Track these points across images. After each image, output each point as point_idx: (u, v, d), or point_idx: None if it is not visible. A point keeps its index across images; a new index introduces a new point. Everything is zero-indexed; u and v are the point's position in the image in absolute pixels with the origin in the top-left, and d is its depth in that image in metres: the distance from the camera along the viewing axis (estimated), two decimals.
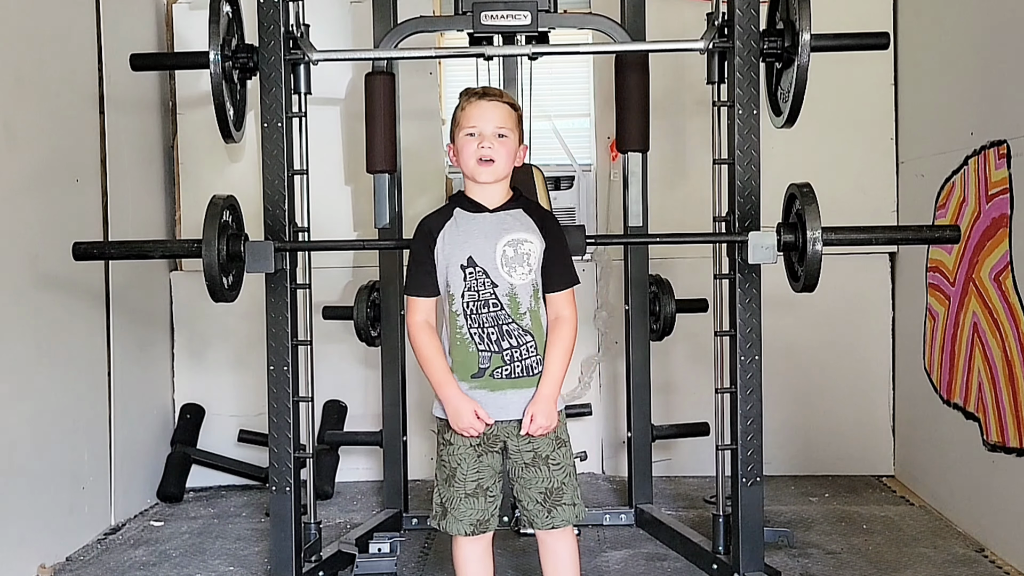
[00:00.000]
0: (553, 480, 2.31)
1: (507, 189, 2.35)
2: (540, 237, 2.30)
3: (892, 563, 3.02)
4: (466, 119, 2.30)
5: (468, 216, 2.31)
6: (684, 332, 3.59)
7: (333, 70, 3.80)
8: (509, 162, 2.31)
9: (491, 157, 2.27)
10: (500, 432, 2.30)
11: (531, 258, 2.28)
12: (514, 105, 2.36)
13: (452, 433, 2.31)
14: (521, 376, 2.27)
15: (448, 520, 2.32)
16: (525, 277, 2.28)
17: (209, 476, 4.03)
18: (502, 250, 2.27)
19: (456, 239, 2.29)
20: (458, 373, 2.29)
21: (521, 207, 2.34)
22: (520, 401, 2.27)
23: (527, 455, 2.31)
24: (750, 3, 2.70)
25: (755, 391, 2.75)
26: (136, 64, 2.99)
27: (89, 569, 3.11)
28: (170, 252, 3.30)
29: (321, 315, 3.48)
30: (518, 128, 2.34)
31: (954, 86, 3.41)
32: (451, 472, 2.32)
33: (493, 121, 2.29)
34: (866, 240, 2.75)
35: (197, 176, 4.04)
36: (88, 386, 3.40)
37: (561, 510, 2.32)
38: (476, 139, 2.28)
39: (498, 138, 2.28)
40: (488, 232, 2.28)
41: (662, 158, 3.85)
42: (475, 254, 2.27)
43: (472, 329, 2.27)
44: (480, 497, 2.31)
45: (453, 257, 2.28)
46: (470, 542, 2.34)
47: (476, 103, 2.31)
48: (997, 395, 3.07)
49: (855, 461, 4.02)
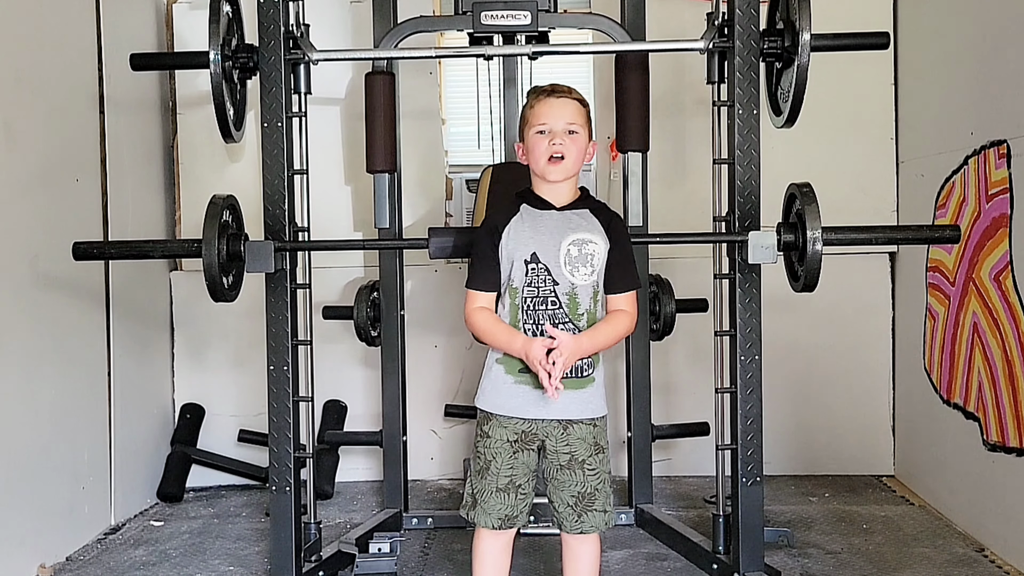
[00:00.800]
0: (587, 485, 2.30)
1: (575, 188, 2.35)
2: (605, 239, 2.30)
3: (892, 563, 3.02)
4: (536, 117, 2.29)
5: (535, 212, 2.31)
6: (684, 332, 3.60)
7: (333, 70, 3.80)
8: (579, 159, 2.30)
9: (562, 154, 2.26)
10: (539, 431, 2.29)
11: (595, 259, 2.28)
12: (583, 101, 2.35)
13: (491, 425, 2.31)
14: (569, 377, 2.26)
15: (477, 511, 2.32)
16: (587, 278, 2.27)
17: (209, 476, 4.03)
18: (566, 249, 2.26)
19: (522, 234, 2.28)
20: (507, 365, 2.28)
21: (589, 207, 2.34)
22: (564, 401, 2.25)
23: (564, 457, 2.30)
24: (750, 3, 2.70)
25: (755, 391, 2.75)
26: (136, 64, 2.99)
27: (89, 569, 3.11)
28: (170, 252, 3.30)
29: (321, 315, 3.49)
30: (588, 124, 2.34)
31: (954, 86, 3.41)
32: (486, 464, 2.31)
33: (564, 118, 2.28)
34: (866, 240, 2.75)
35: (197, 176, 4.04)
36: (88, 386, 3.40)
37: (591, 515, 2.31)
38: (547, 136, 2.27)
39: (568, 135, 2.28)
40: (554, 230, 2.28)
41: (662, 158, 3.85)
42: (539, 250, 2.26)
43: (527, 324, 2.26)
44: (511, 493, 2.30)
45: (517, 252, 2.27)
46: (493, 536, 2.34)
47: (546, 100, 2.30)
48: (997, 395, 3.07)
49: (855, 461, 4.02)
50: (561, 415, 2.28)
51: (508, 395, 2.28)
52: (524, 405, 2.28)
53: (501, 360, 2.30)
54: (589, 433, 2.31)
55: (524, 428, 2.29)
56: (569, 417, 2.29)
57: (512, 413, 2.29)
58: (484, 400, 2.33)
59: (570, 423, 2.29)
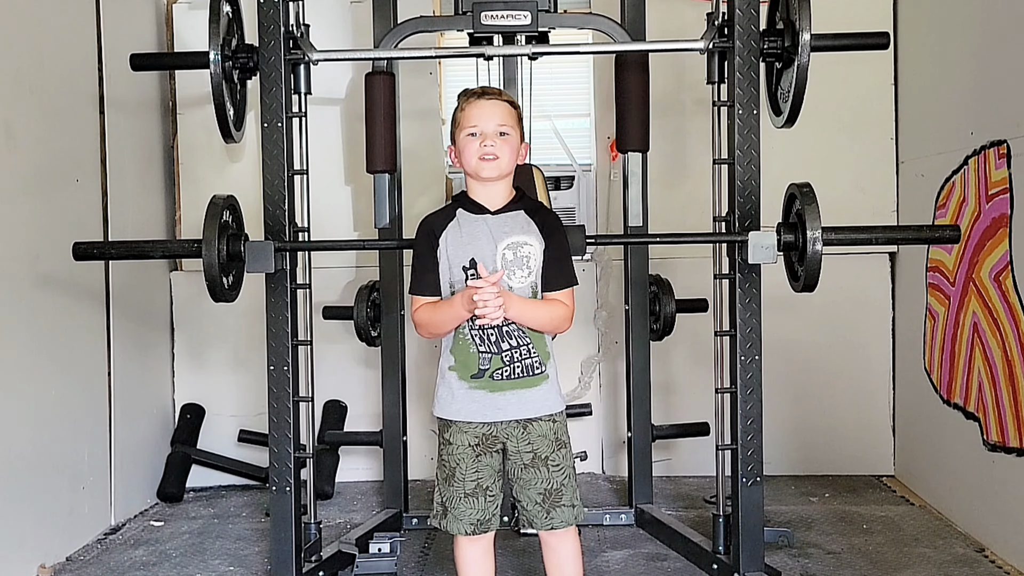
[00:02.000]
0: (552, 481, 2.31)
1: (510, 188, 2.35)
2: (540, 239, 2.30)
3: (892, 563, 3.02)
4: (466, 119, 2.30)
5: (470, 218, 2.31)
6: (684, 332, 3.59)
7: (333, 70, 3.80)
8: (512, 159, 2.31)
9: (495, 154, 2.27)
10: (499, 433, 2.30)
11: (531, 261, 2.28)
12: (513, 103, 2.36)
13: (452, 432, 2.31)
14: (521, 376, 2.28)
15: (449, 519, 2.32)
16: (524, 280, 2.28)
17: (209, 476, 4.03)
18: (502, 253, 2.27)
19: (459, 240, 2.29)
20: (459, 372, 2.29)
21: (523, 208, 2.34)
22: (519, 401, 2.27)
23: (526, 456, 2.30)
24: (750, 3, 2.70)
25: (755, 391, 2.75)
26: (136, 64, 2.99)
27: (89, 569, 3.11)
28: (170, 252, 3.30)
29: (321, 315, 3.49)
30: (519, 126, 2.34)
31: (954, 86, 3.41)
32: (451, 472, 2.32)
33: (494, 119, 2.28)
34: (866, 240, 2.75)
35: (197, 176, 4.04)
36: (88, 386, 3.40)
37: (560, 511, 2.32)
38: (478, 138, 2.28)
39: (500, 136, 2.28)
40: (489, 234, 2.28)
41: (662, 158, 3.85)
42: (477, 256, 2.27)
43: (472, 330, 2.27)
44: (480, 497, 2.31)
45: (456, 258, 2.28)
46: (471, 542, 2.34)
47: (476, 103, 2.31)
48: (997, 395, 3.07)
49: (855, 461, 4.02)
50: (518, 415, 2.28)
51: (464, 400, 2.29)
52: (481, 409, 2.28)
53: (454, 367, 2.30)
54: (549, 430, 2.31)
55: (484, 432, 2.30)
56: (526, 416, 2.29)
57: (469, 418, 2.29)
58: (441, 408, 2.33)
59: (529, 422, 2.29)
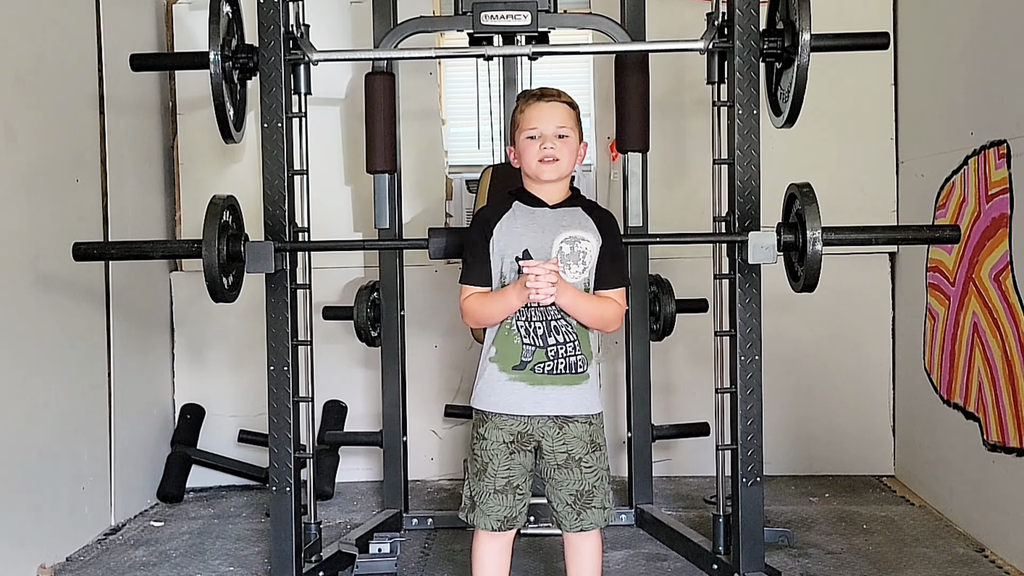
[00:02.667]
0: (584, 482, 2.31)
1: (567, 188, 2.35)
2: (598, 236, 2.30)
3: (892, 563, 3.02)
4: (526, 121, 2.30)
5: (527, 210, 2.31)
6: (684, 332, 3.59)
7: (333, 70, 3.80)
8: (572, 160, 2.31)
9: (555, 156, 2.27)
10: (535, 431, 2.29)
11: (587, 257, 2.28)
12: (572, 104, 2.35)
13: (487, 427, 2.31)
14: (563, 373, 2.27)
15: (476, 514, 2.32)
16: (579, 275, 2.28)
17: (209, 476, 4.03)
18: (559, 246, 2.27)
19: (514, 231, 2.29)
20: (500, 363, 2.28)
21: (580, 205, 2.34)
22: (558, 398, 2.27)
23: (560, 456, 2.30)
24: (750, 3, 2.70)
25: (755, 391, 2.75)
26: (136, 64, 2.99)
27: (89, 569, 3.11)
28: (170, 252, 3.30)
29: (321, 315, 3.49)
30: (578, 126, 2.34)
31: (954, 86, 3.41)
32: (483, 467, 2.31)
33: (554, 121, 2.28)
34: (866, 240, 2.75)
35: (197, 176, 4.04)
36: (88, 386, 3.40)
37: (591, 513, 2.32)
38: (538, 140, 2.28)
39: (559, 138, 2.28)
40: (546, 227, 2.28)
41: (662, 158, 3.85)
42: (532, 247, 2.26)
43: (519, 321, 2.26)
44: (509, 494, 2.31)
45: (509, 248, 2.28)
46: (492, 538, 2.35)
47: (535, 104, 2.31)
48: (997, 395, 3.07)
49: (855, 461, 4.02)
50: (556, 411, 2.28)
51: (503, 393, 2.28)
52: (520, 402, 2.28)
53: (495, 359, 2.30)
54: (585, 431, 2.31)
55: (520, 429, 2.29)
56: (564, 413, 2.28)
57: (508, 411, 2.29)
58: (480, 400, 2.33)
59: (566, 422, 2.29)
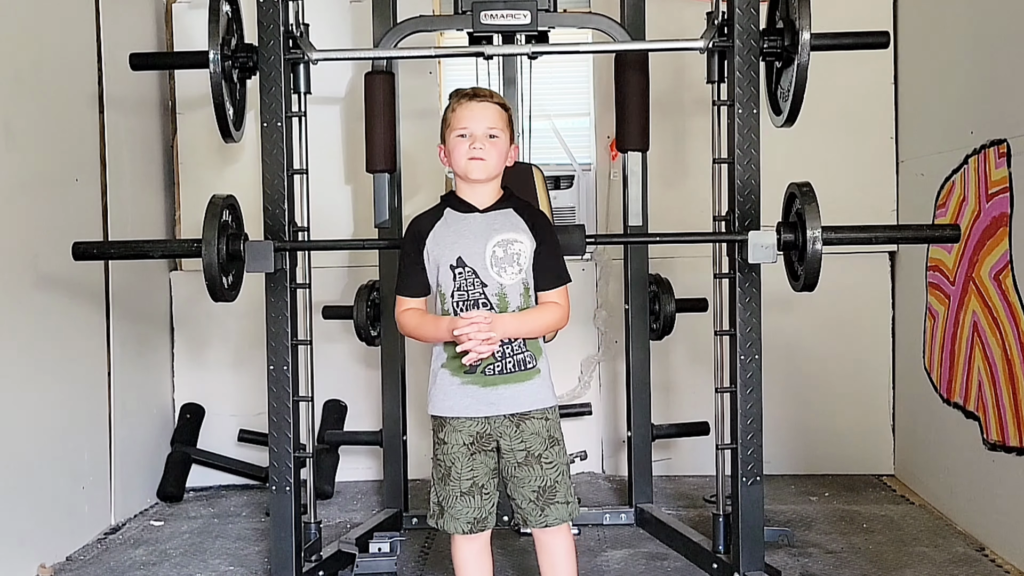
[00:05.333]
0: (546, 479, 2.31)
1: (498, 189, 2.35)
2: (531, 237, 2.30)
3: (892, 562, 3.02)
4: (457, 120, 2.31)
5: (458, 216, 2.32)
6: (684, 331, 3.60)
7: (333, 69, 3.79)
8: (500, 161, 2.32)
9: (482, 157, 2.27)
10: (493, 431, 2.30)
11: (521, 258, 2.28)
12: (504, 105, 2.36)
13: (446, 431, 2.31)
14: (513, 371, 2.28)
15: (445, 519, 2.33)
16: (515, 277, 2.28)
17: (209, 476, 4.04)
18: (492, 251, 2.27)
19: (446, 239, 2.30)
20: (451, 369, 2.29)
21: (512, 207, 2.34)
22: (513, 396, 2.27)
23: (519, 454, 2.30)
24: (750, 2, 2.70)
25: (755, 390, 2.75)
26: (135, 63, 2.99)
27: (89, 569, 3.11)
28: (170, 252, 3.30)
29: (321, 315, 3.49)
30: (509, 128, 2.35)
31: (954, 85, 3.41)
32: (446, 471, 2.32)
33: (484, 122, 2.29)
34: (866, 239, 2.75)
35: (197, 176, 4.04)
36: (88, 386, 3.40)
37: (554, 508, 2.32)
38: (467, 140, 2.28)
39: (489, 139, 2.29)
40: (478, 232, 2.29)
41: (662, 157, 3.85)
42: (464, 254, 2.27)
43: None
44: (476, 495, 2.31)
45: (443, 257, 2.29)
46: (468, 540, 2.34)
47: (466, 104, 2.31)
48: (997, 394, 3.07)
49: (855, 460, 4.02)
50: (511, 409, 2.28)
51: (458, 397, 2.29)
52: (474, 404, 2.28)
53: (446, 364, 2.30)
54: (542, 427, 2.31)
55: (478, 430, 2.30)
56: (519, 410, 2.29)
57: (463, 414, 2.29)
58: (435, 406, 2.33)
59: (522, 419, 2.29)
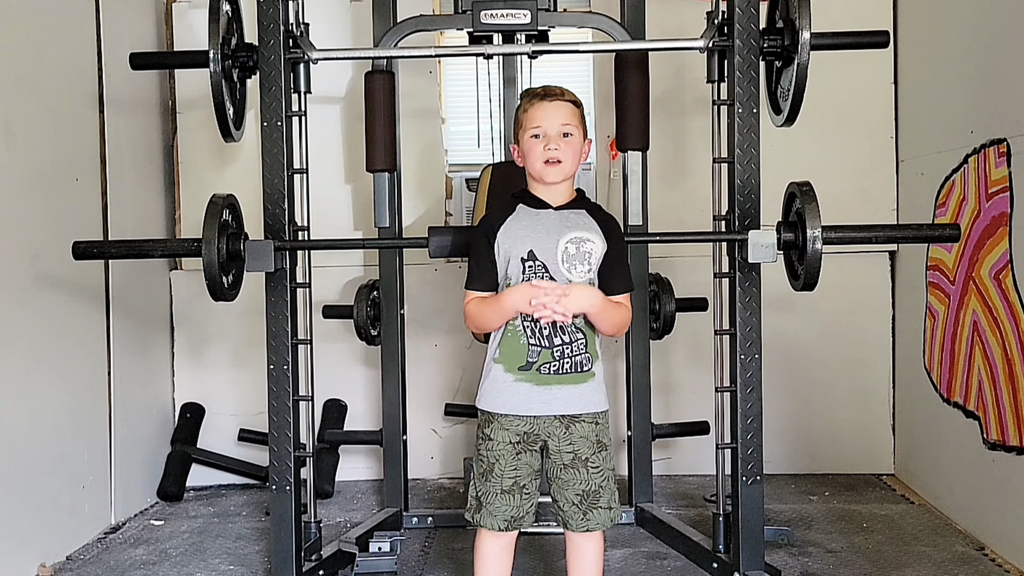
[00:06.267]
0: (591, 483, 2.31)
1: (571, 189, 2.35)
2: (603, 239, 2.30)
3: (892, 561, 3.02)
4: (530, 120, 2.29)
5: (531, 212, 2.31)
6: (684, 331, 3.60)
7: (333, 69, 3.80)
8: (576, 160, 2.31)
9: (558, 158, 2.27)
10: (541, 431, 2.29)
11: (592, 257, 2.28)
12: (576, 102, 2.34)
13: (493, 428, 2.30)
14: (569, 372, 2.27)
15: (483, 514, 2.32)
16: (584, 276, 2.27)
17: (209, 475, 4.04)
18: (564, 247, 2.26)
19: (518, 233, 2.28)
20: (506, 364, 2.28)
21: (585, 207, 2.34)
22: (565, 397, 2.26)
23: (567, 456, 2.30)
24: (750, 2, 2.70)
25: (755, 390, 2.75)
26: (136, 63, 2.98)
27: (89, 568, 3.11)
28: (170, 251, 3.30)
29: (321, 314, 3.49)
30: (582, 124, 2.34)
31: (954, 85, 3.41)
32: (489, 468, 2.31)
33: (558, 120, 2.28)
34: (866, 239, 2.75)
35: (197, 175, 4.04)
36: (88, 386, 3.41)
37: (597, 513, 2.32)
38: (542, 140, 2.27)
39: (563, 137, 2.28)
40: (551, 228, 2.28)
41: (662, 157, 3.85)
42: (536, 248, 2.26)
43: (525, 322, 2.26)
44: (516, 494, 2.30)
45: (514, 250, 2.27)
46: (496, 537, 2.34)
47: (539, 104, 2.30)
48: (997, 393, 3.07)
49: (855, 460, 4.02)
50: (563, 410, 2.28)
51: (509, 393, 2.28)
52: (526, 403, 2.27)
53: (500, 359, 2.29)
54: (591, 431, 2.31)
55: (526, 429, 2.29)
56: (570, 412, 2.28)
57: (514, 411, 2.28)
58: (485, 401, 2.32)
59: (572, 421, 2.29)
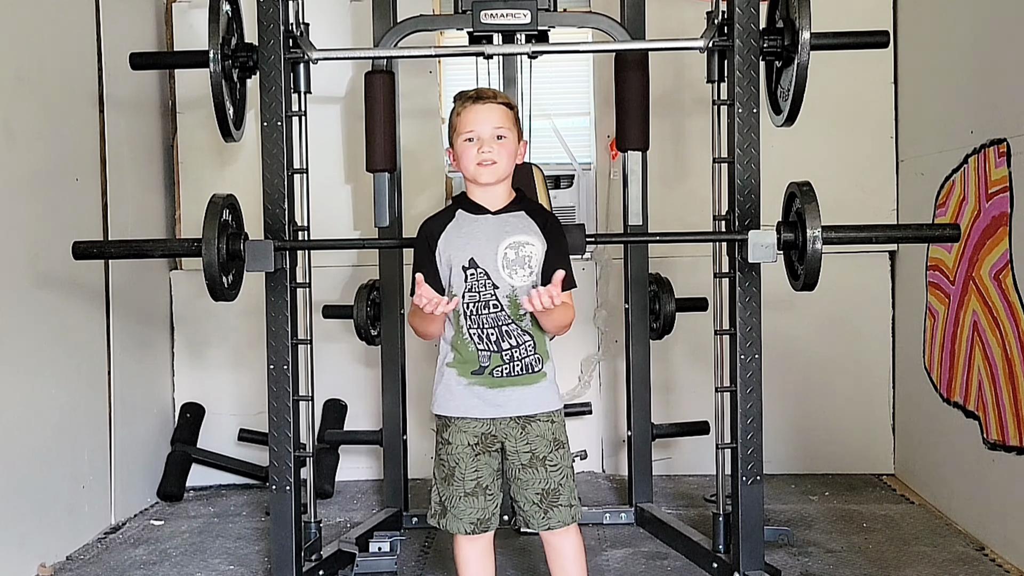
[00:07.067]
0: (550, 481, 2.31)
1: (509, 190, 2.34)
2: (542, 239, 2.30)
3: (892, 561, 3.02)
4: (463, 124, 2.29)
5: (470, 218, 2.31)
6: (684, 331, 3.60)
7: (333, 69, 3.80)
8: (510, 162, 2.30)
9: (492, 160, 2.26)
10: (498, 432, 2.30)
11: (532, 260, 2.28)
12: (509, 104, 2.34)
13: (450, 431, 2.31)
14: (521, 374, 2.28)
15: (448, 518, 2.32)
16: (526, 279, 2.27)
17: (209, 475, 4.04)
18: (504, 252, 2.26)
19: (458, 240, 2.29)
20: (458, 369, 2.29)
21: (524, 209, 2.33)
22: (519, 398, 2.28)
23: (524, 456, 2.30)
24: (750, 2, 2.70)
25: (755, 390, 2.75)
26: (136, 63, 2.98)
27: (89, 568, 3.11)
28: (170, 251, 3.30)
29: (321, 314, 3.49)
30: (516, 126, 2.33)
31: (954, 85, 3.41)
32: (450, 471, 2.32)
33: (490, 123, 2.27)
34: (866, 239, 2.75)
35: (197, 175, 4.04)
36: (88, 386, 3.41)
37: (557, 511, 2.31)
38: (475, 144, 2.27)
39: (497, 140, 2.27)
40: (490, 234, 2.28)
41: (662, 157, 3.85)
42: (477, 256, 2.26)
43: (472, 329, 2.27)
44: (479, 496, 2.31)
45: (455, 258, 2.28)
46: (470, 541, 2.34)
47: (471, 107, 2.29)
48: (997, 393, 3.07)
49: (855, 460, 4.02)
50: (517, 411, 2.28)
51: (464, 397, 2.29)
52: (480, 406, 2.28)
53: (452, 364, 2.30)
54: (547, 429, 2.31)
55: (483, 430, 2.30)
56: (525, 413, 2.29)
57: (469, 414, 2.29)
58: (440, 406, 2.32)
59: (528, 422, 2.29)
